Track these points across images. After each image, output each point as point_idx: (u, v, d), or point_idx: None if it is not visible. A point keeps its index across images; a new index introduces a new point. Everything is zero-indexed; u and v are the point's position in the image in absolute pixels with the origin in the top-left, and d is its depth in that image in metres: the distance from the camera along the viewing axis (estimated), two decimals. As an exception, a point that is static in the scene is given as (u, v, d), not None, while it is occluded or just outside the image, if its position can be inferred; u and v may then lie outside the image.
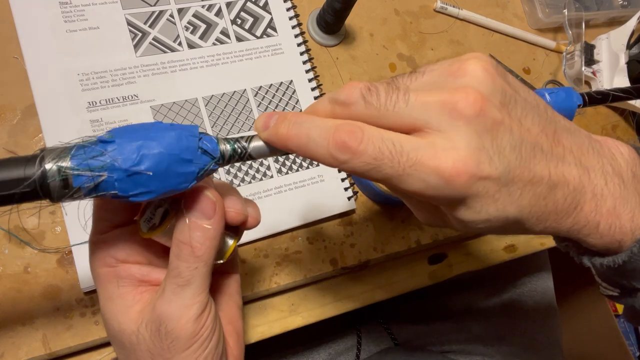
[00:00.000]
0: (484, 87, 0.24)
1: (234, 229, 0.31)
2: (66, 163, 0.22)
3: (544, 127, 0.25)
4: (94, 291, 0.40)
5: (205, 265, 0.27)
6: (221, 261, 0.30)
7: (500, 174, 0.23)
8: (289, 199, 0.46)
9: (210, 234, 0.27)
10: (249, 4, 0.50)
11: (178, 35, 0.47)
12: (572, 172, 0.26)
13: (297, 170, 0.47)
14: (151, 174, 0.23)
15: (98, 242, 0.28)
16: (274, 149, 0.27)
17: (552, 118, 0.26)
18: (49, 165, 0.22)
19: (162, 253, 0.30)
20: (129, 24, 0.46)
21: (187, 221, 0.26)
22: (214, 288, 0.32)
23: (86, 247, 0.39)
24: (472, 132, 0.23)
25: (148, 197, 0.24)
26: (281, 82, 0.49)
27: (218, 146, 0.26)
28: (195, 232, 0.26)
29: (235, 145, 0.26)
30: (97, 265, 0.29)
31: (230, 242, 0.31)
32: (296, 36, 0.51)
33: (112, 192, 0.23)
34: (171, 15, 0.47)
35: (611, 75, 0.61)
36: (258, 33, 0.50)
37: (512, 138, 0.24)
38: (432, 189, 0.23)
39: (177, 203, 0.27)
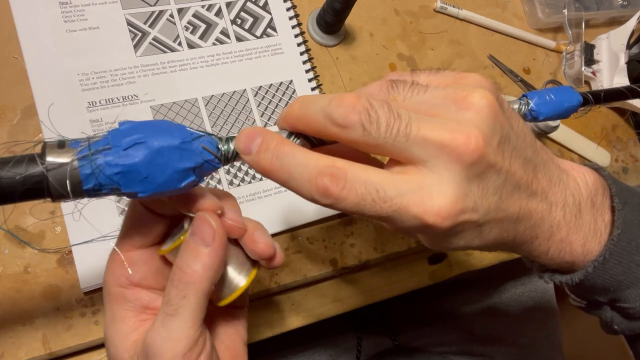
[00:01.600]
0: (487, 127, 0.23)
1: (248, 268, 0.29)
2: (67, 159, 0.22)
3: (527, 165, 0.26)
4: (94, 291, 0.40)
5: (195, 295, 0.25)
6: (224, 302, 0.28)
7: (478, 218, 0.24)
8: (289, 198, 0.46)
9: (204, 262, 0.25)
10: (248, 4, 0.50)
11: (178, 35, 0.47)
12: (537, 208, 0.26)
13: (297, 170, 0.47)
14: (149, 172, 0.23)
15: (117, 259, 0.28)
16: None
17: (536, 152, 0.27)
18: (51, 163, 0.22)
19: None
20: (129, 24, 0.46)
21: (187, 244, 0.26)
22: (218, 321, 0.31)
23: (86, 247, 0.39)
24: (464, 177, 0.23)
25: (146, 193, 0.23)
26: (281, 82, 0.49)
27: (219, 145, 0.26)
28: (189, 257, 0.25)
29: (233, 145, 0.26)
30: (111, 282, 0.28)
31: (242, 282, 0.29)
32: (296, 36, 0.51)
33: (113, 187, 0.23)
34: (171, 15, 0.47)
35: (611, 75, 0.61)
36: (258, 33, 0.50)
37: (497, 180, 0.24)
38: (413, 229, 0.24)
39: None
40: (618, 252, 0.28)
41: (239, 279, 0.29)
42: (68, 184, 0.22)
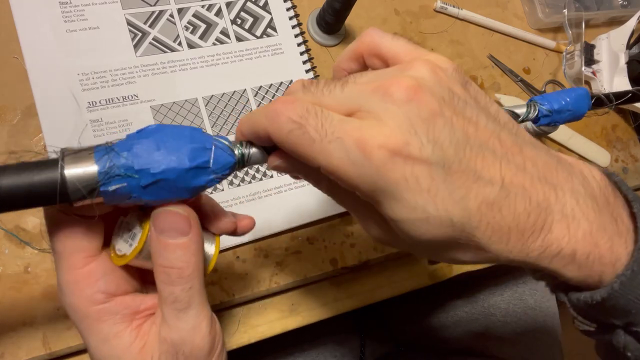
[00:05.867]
0: (424, 81, 0.23)
1: (211, 237, 0.30)
2: (89, 167, 0.22)
3: (499, 133, 0.23)
4: (94, 291, 0.40)
5: (198, 281, 0.26)
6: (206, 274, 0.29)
7: (432, 161, 0.21)
8: (289, 198, 0.46)
9: (192, 250, 0.25)
10: (248, 4, 0.50)
11: (178, 35, 0.47)
12: (534, 185, 0.23)
13: (297, 170, 0.47)
14: (172, 176, 0.23)
15: (80, 279, 0.25)
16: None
17: (515, 132, 0.24)
18: (74, 171, 0.21)
19: (140, 277, 0.29)
20: (129, 23, 0.46)
21: (163, 244, 0.25)
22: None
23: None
24: (403, 115, 0.22)
25: (162, 199, 0.24)
26: (281, 82, 0.49)
27: (233, 150, 0.26)
28: (177, 253, 0.25)
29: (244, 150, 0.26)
30: (84, 305, 0.25)
31: (211, 251, 0.29)
32: (296, 36, 0.51)
33: (133, 196, 0.23)
34: (171, 15, 0.47)
35: (611, 75, 0.61)
36: (258, 33, 0.50)
37: (452, 133, 0.22)
38: (352, 165, 0.22)
39: (146, 218, 0.25)
40: None
41: (209, 249, 0.30)
42: (85, 191, 0.22)
